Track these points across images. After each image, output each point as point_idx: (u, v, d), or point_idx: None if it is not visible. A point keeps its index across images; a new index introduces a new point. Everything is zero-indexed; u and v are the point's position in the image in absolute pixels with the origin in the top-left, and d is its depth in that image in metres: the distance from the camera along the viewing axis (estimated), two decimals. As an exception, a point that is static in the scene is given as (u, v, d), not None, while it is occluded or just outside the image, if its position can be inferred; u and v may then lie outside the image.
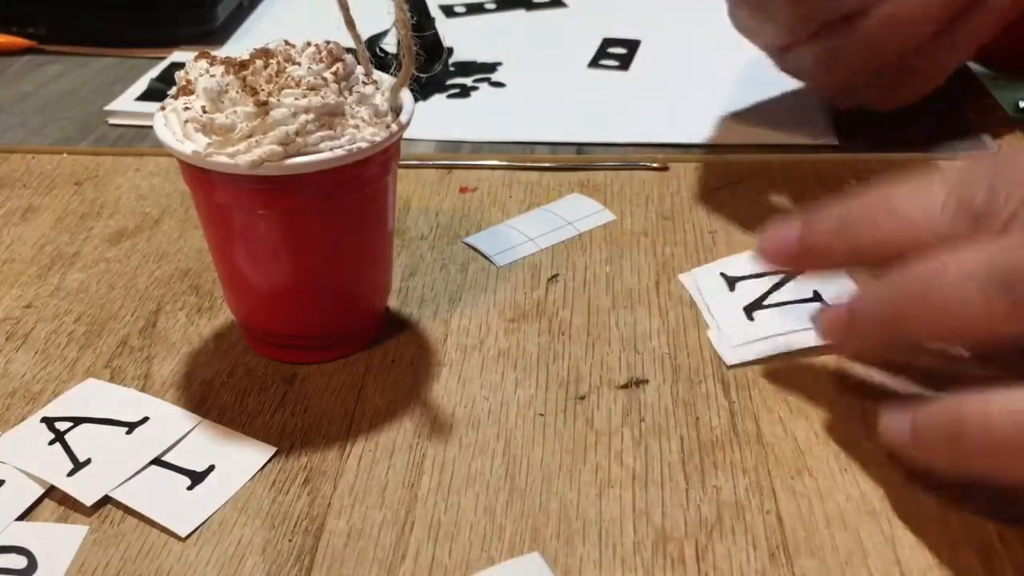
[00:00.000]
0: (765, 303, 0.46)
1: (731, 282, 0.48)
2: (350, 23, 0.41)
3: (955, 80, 0.67)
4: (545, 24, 0.79)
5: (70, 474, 0.38)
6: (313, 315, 0.44)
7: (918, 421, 0.35)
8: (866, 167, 0.58)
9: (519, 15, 0.81)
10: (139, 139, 0.63)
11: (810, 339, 0.44)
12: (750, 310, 0.46)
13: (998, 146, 0.59)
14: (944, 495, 0.37)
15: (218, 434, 0.41)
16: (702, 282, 0.48)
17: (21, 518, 0.37)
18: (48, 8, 0.74)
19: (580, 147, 0.61)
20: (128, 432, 0.40)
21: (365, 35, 0.47)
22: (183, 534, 0.36)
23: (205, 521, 0.37)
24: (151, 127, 0.41)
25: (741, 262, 0.49)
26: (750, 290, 0.47)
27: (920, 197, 0.38)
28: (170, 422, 0.41)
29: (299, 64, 0.40)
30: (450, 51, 0.73)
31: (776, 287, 0.47)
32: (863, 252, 0.39)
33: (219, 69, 0.40)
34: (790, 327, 0.44)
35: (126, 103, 0.66)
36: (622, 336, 0.45)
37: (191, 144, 0.39)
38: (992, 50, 0.57)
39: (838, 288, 0.46)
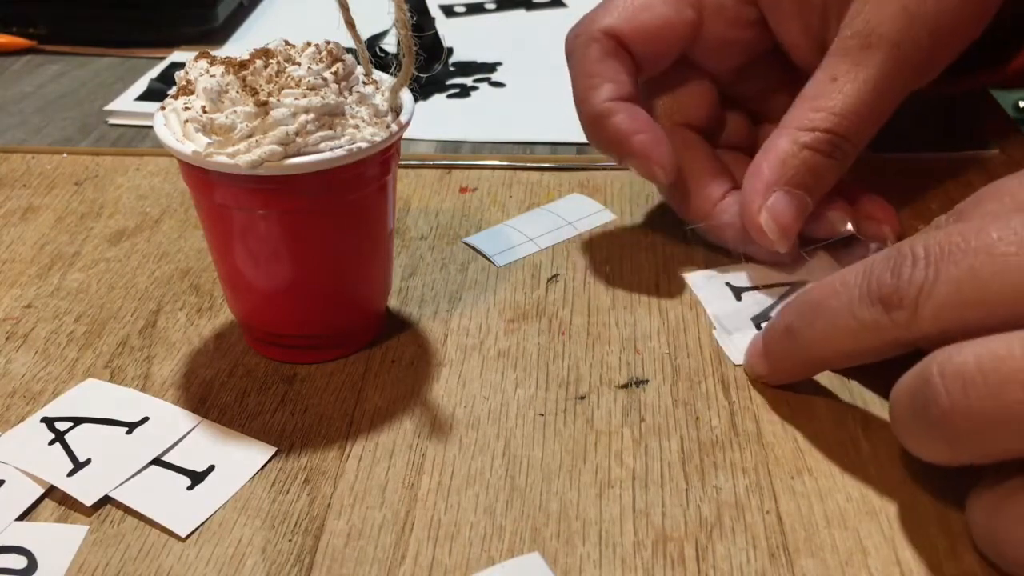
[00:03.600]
0: (772, 315, 0.46)
1: (737, 292, 0.48)
2: (350, 23, 0.41)
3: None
4: (545, 24, 0.79)
5: (70, 474, 0.38)
6: (313, 315, 0.44)
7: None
8: (865, 167, 0.57)
9: (519, 15, 0.81)
10: (139, 139, 0.63)
11: None
12: (758, 321, 0.46)
13: (999, 147, 0.59)
14: (944, 495, 0.37)
15: (218, 434, 0.41)
16: (706, 288, 0.48)
17: (21, 518, 0.37)
18: (48, 8, 0.74)
19: (580, 147, 0.61)
20: (128, 432, 0.40)
21: (365, 35, 0.47)
22: (183, 534, 0.36)
23: (205, 521, 0.37)
24: (151, 127, 0.41)
25: (745, 273, 0.49)
26: (757, 301, 0.47)
27: (839, 285, 0.38)
28: (170, 422, 0.41)
29: (299, 64, 0.40)
30: (450, 51, 0.73)
31: (782, 298, 0.47)
32: (815, 354, 0.40)
33: (219, 69, 0.40)
34: None
35: (126, 103, 0.66)
36: (622, 336, 0.45)
37: (191, 144, 0.39)
38: None
39: None
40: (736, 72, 0.52)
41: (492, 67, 0.71)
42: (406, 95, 0.42)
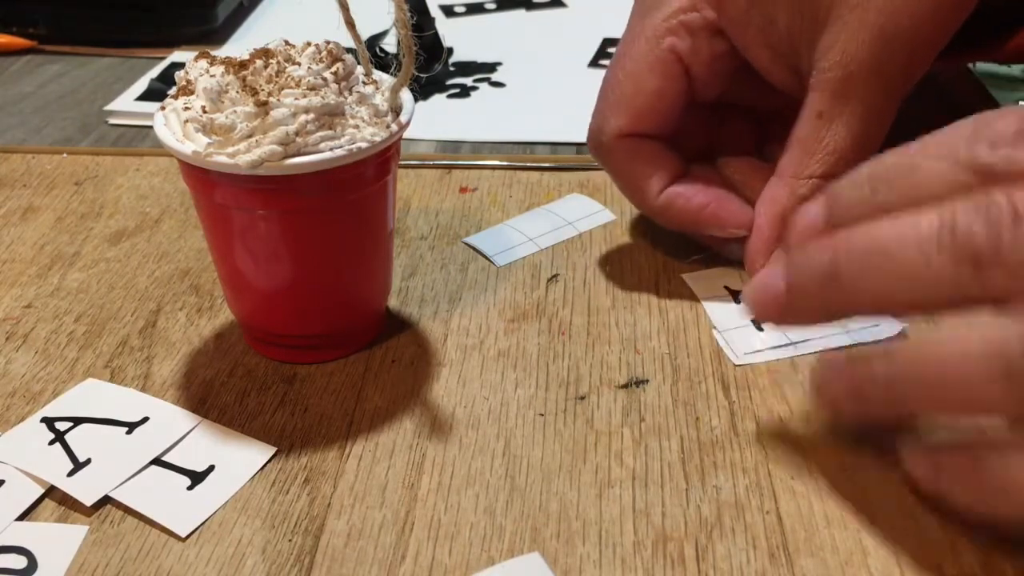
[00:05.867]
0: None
1: (735, 294, 0.47)
2: (350, 23, 0.41)
3: (956, 80, 0.67)
4: (545, 24, 0.79)
5: (70, 474, 0.38)
6: (313, 315, 0.44)
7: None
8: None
9: (519, 15, 0.81)
10: (139, 139, 0.63)
11: (820, 347, 0.44)
12: (758, 322, 0.46)
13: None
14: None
15: (218, 434, 0.41)
16: (704, 288, 0.48)
17: (21, 518, 0.37)
18: (48, 8, 0.74)
19: (580, 147, 0.61)
20: (128, 432, 0.40)
21: (365, 35, 0.47)
22: (183, 534, 0.36)
23: (205, 521, 0.37)
24: (151, 127, 0.41)
25: (742, 274, 0.49)
26: None
27: (912, 227, 0.32)
28: (170, 422, 0.41)
29: (299, 64, 0.40)
30: (450, 51, 0.73)
31: None
32: (861, 303, 0.35)
33: (219, 69, 0.40)
34: (801, 336, 0.44)
35: (126, 103, 0.66)
36: (622, 336, 0.45)
37: (191, 144, 0.39)
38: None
39: None
40: (726, 91, 0.51)
41: (492, 67, 0.71)
42: (406, 95, 0.42)
